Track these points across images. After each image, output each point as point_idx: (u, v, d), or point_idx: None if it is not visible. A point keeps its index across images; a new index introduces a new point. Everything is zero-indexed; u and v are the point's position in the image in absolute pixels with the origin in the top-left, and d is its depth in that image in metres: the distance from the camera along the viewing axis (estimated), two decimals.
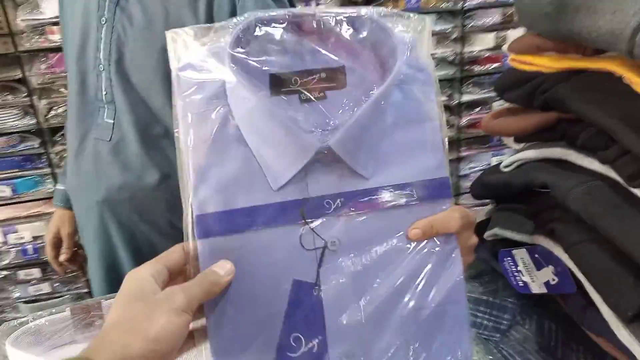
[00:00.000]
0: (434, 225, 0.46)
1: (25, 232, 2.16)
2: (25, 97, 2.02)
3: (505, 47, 0.76)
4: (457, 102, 2.37)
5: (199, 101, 0.45)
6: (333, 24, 0.48)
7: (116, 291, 0.41)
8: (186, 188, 0.45)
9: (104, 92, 0.95)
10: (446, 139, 0.49)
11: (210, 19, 0.90)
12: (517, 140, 0.74)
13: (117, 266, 1.00)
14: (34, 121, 2.06)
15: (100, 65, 0.93)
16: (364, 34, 0.48)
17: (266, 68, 0.47)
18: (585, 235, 0.56)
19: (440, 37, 2.28)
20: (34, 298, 2.25)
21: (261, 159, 0.45)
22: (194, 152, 0.44)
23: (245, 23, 0.46)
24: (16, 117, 2.05)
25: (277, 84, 0.47)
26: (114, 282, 1.01)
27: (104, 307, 0.73)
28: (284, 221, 0.44)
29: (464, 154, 2.47)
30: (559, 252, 0.60)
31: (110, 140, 0.95)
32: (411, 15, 0.50)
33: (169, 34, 0.47)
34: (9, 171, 2.10)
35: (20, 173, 2.10)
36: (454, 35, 2.27)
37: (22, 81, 2.01)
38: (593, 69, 0.61)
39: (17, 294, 2.27)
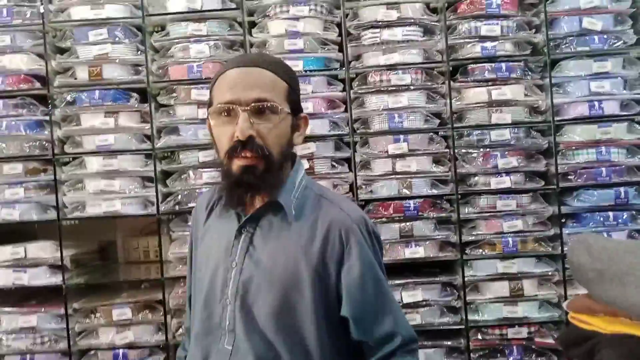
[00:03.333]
0: None
1: None
2: (161, 315, 2.34)
3: (564, 305, 0.87)
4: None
5: None
6: None
7: None
8: None
9: (227, 322, 1.13)
10: None
11: (321, 259, 1.11)
12: None
13: None
14: (163, 337, 2.33)
15: (227, 300, 1.14)
16: None
17: None
18: None
19: (541, 280, 2.35)
20: None
21: None
22: None
23: None
24: (150, 333, 2.34)
25: None
26: None
27: None
28: None
29: None
30: None
31: None
32: None
33: None
34: None
35: None
36: (556, 279, 2.33)
37: (161, 302, 2.35)
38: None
39: None
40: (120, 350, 2.34)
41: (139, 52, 2.35)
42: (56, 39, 2.36)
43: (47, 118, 2.36)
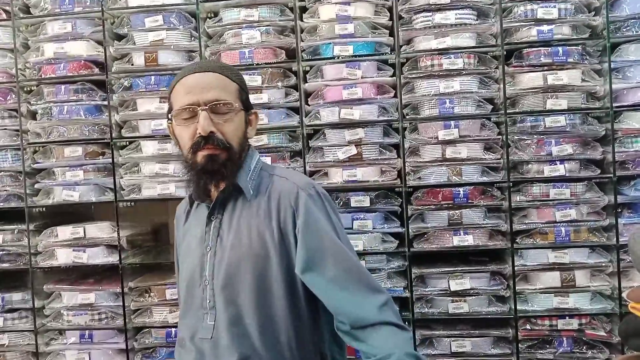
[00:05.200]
0: None
1: None
2: None
3: (625, 295, 0.86)
4: (617, 339, 2.26)
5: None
6: None
7: None
8: None
9: (208, 301, 1.26)
10: None
11: (280, 228, 1.22)
12: None
13: None
14: None
15: (206, 281, 1.26)
16: None
17: None
18: None
19: (594, 271, 2.29)
20: None
21: None
22: None
23: None
24: None
25: None
26: None
27: None
28: None
29: None
30: None
31: (211, 338, 1.24)
32: None
33: None
34: None
35: None
36: (609, 270, 2.27)
37: None
38: None
39: None
40: (173, 329, 2.42)
41: (192, 39, 2.40)
42: (114, 26, 2.44)
43: (106, 103, 2.45)
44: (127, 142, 2.45)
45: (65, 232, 2.47)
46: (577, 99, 2.28)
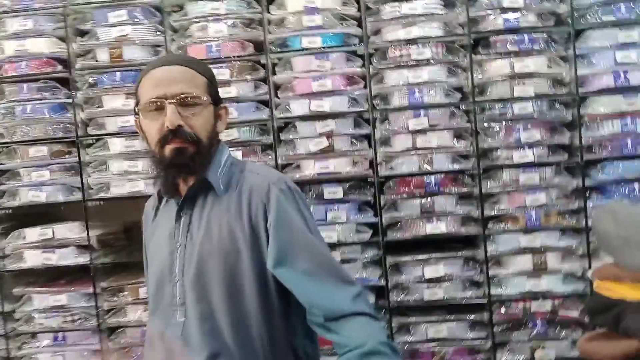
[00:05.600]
0: None
1: None
2: None
3: (589, 273, 0.87)
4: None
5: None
6: None
7: None
8: None
9: (177, 297, 1.23)
10: None
11: (251, 224, 1.20)
12: None
13: None
14: None
15: (176, 277, 1.24)
16: None
17: None
18: None
19: (565, 253, 2.33)
20: None
21: None
22: None
23: None
24: None
25: None
26: None
27: None
28: None
29: None
30: None
31: (181, 335, 1.22)
32: None
33: None
34: None
35: None
36: (580, 252, 2.31)
37: None
38: None
39: None
40: None
41: (158, 33, 2.36)
42: (77, 22, 2.38)
43: (70, 101, 2.39)
44: (94, 140, 2.41)
45: (33, 233, 2.41)
46: (543, 85, 2.31)
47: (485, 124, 2.30)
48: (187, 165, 1.21)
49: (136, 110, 1.25)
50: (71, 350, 2.43)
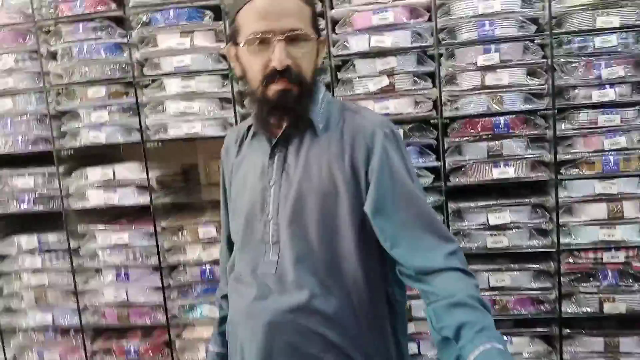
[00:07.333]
0: None
1: None
2: None
3: None
4: None
5: None
6: None
7: None
8: None
9: (270, 236, 1.18)
10: None
11: (352, 166, 1.15)
12: None
13: None
14: None
15: (269, 216, 1.19)
16: None
17: None
18: None
19: None
20: None
21: None
22: None
23: None
24: None
25: None
26: None
27: None
28: None
29: None
30: None
31: (275, 273, 1.17)
32: None
33: None
34: None
35: None
36: None
37: None
38: None
39: None
40: (207, 266, 2.43)
41: None
42: None
43: (125, 40, 2.35)
44: (150, 81, 2.38)
45: (95, 173, 2.45)
46: (630, 15, 2.07)
47: (563, 60, 2.10)
48: (292, 109, 1.16)
49: (236, 41, 1.17)
50: (133, 287, 2.50)
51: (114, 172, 2.44)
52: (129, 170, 2.46)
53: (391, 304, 1.23)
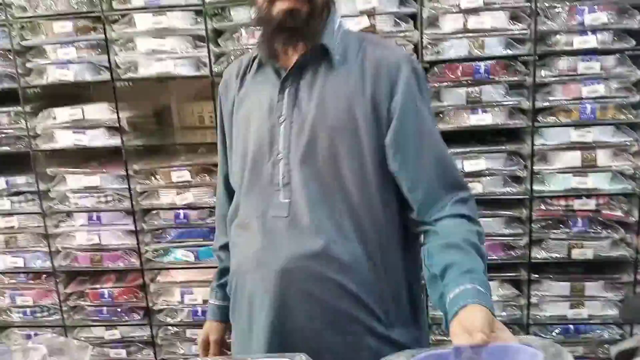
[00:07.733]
0: None
1: (199, 295, 2.41)
2: None
3: None
4: (634, 219, 2.21)
5: None
6: None
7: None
8: None
9: (281, 177, 1.10)
10: None
11: (373, 101, 1.08)
12: None
13: (287, 326, 1.12)
14: None
15: (279, 155, 1.10)
16: None
17: None
18: None
19: (617, 150, 2.18)
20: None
21: None
22: None
23: None
24: (209, 195, 2.37)
25: None
26: (279, 342, 1.12)
27: None
28: None
29: None
30: None
31: (287, 216, 1.10)
32: None
33: None
34: (195, 240, 2.41)
35: (204, 242, 2.39)
36: (634, 149, 2.16)
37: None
38: None
39: (182, 351, 2.50)
40: (181, 211, 2.40)
41: None
42: None
43: None
44: (120, 16, 2.26)
45: (63, 113, 2.36)
46: None
47: (547, 4, 2.06)
48: (299, 31, 1.06)
49: None
50: (106, 230, 2.46)
51: (83, 112, 2.35)
52: (98, 111, 2.37)
53: (406, 250, 1.18)
